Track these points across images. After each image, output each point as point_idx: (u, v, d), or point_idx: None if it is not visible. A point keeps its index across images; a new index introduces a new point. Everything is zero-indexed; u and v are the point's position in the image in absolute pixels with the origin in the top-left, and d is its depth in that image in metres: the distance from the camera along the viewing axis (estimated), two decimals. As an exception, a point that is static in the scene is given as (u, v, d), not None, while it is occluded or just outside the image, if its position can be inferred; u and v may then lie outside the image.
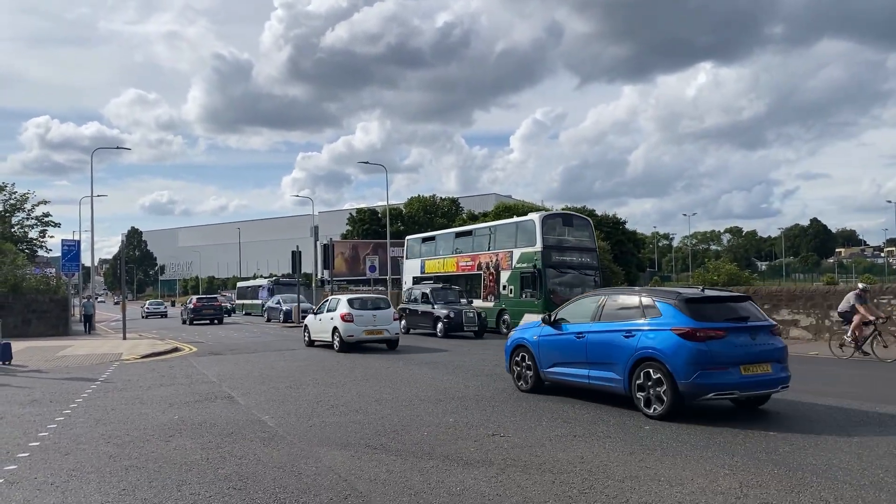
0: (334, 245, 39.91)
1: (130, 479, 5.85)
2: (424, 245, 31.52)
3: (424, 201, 74.44)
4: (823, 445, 6.73)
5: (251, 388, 11.51)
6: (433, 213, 72.82)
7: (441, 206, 74.83)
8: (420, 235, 33.59)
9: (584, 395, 10.08)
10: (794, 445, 6.73)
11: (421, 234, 34.32)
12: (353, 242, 62.90)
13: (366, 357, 16.56)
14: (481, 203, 74.68)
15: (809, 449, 6.58)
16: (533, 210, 49.98)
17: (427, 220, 70.99)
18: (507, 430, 7.58)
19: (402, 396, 10.16)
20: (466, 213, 64.74)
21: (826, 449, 6.57)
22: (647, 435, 7.30)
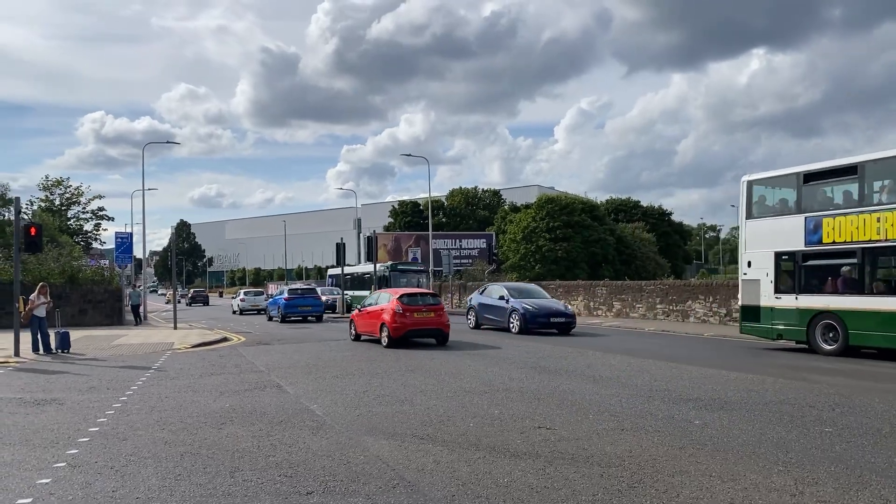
0: (377, 237, 40.08)
1: (185, 465, 6.01)
2: (813, 188, 15.27)
3: (466, 193, 74.34)
4: (884, 443, 6.52)
5: (299, 377, 11.70)
6: (475, 205, 72.71)
7: (483, 198, 74.65)
8: (792, 171, 15.72)
9: (631, 388, 9.98)
10: (852, 443, 6.53)
11: (795, 168, 15.66)
12: (395, 234, 63.26)
13: (410, 349, 16.66)
14: (523, 195, 74.12)
15: (868, 446, 6.39)
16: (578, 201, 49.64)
17: (469, 212, 70.95)
18: (553, 423, 7.55)
19: (447, 388, 10.20)
20: (508, 205, 64.39)
21: (886, 447, 6.36)
22: (696, 429, 7.18)
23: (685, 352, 15.39)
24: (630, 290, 29.82)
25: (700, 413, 8.06)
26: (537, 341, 18.26)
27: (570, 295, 32.91)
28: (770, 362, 13.31)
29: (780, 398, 9.07)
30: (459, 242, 58.38)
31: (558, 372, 11.89)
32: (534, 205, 48.03)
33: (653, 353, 15.23)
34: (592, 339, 19.08)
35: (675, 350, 15.93)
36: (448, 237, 59.11)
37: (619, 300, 30.11)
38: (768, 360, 13.78)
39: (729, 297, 24.20)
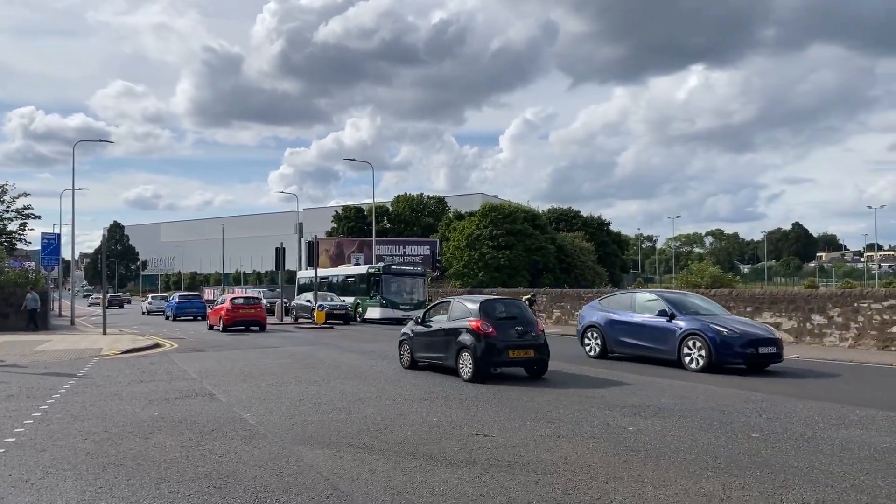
0: (319, 242, 39.51)
1: (108, 477, 5.74)
2: None
3: (411, 199, 74.24)
4: (805, 448, 6.76)
5: (232, 385, 11.39)
6: (420, 212, 72.69)
7: (428, 205, 74.71)
8: None
9: (568, 395, 10.08)
10: (777, 448, 6.75)
11: None
12: (338, 240, 62.63)
13: (348, 355, 16.48)
14: (468, 202, 74.60)
15: (791, 451, 6.61)
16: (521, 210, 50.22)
17: (414, 219, 70.86)
18: (491, 430, 7.55)
19: (386, 395, 10.10)
20: (453, 213, 64.66)
21: (808, 451, 6.60)
22: (630, 436, 7.29)
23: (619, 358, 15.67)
24: (569, 298, 30.29)
25: (634, 420, 8.20)
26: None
27: (512, 302, 33.29)
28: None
29: (710, 405, 9.32)
30: (403, 249, 58.23)
31: (497, 378, 11.91)
32: (478, 213, 48.41)
33: (586, 360, 15.44)
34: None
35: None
36: (392, 243, 58.88)
37: (558, 308, 30.55)
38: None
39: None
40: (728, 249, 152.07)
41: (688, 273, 49.74)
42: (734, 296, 22.67)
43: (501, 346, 11.74)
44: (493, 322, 11.99)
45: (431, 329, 13.14)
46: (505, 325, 12.09)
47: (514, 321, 12.35)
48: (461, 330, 12.13)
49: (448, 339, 12.43)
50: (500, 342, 11.75)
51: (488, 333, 11.72)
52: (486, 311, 12.20)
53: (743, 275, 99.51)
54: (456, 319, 12.59)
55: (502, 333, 11.87)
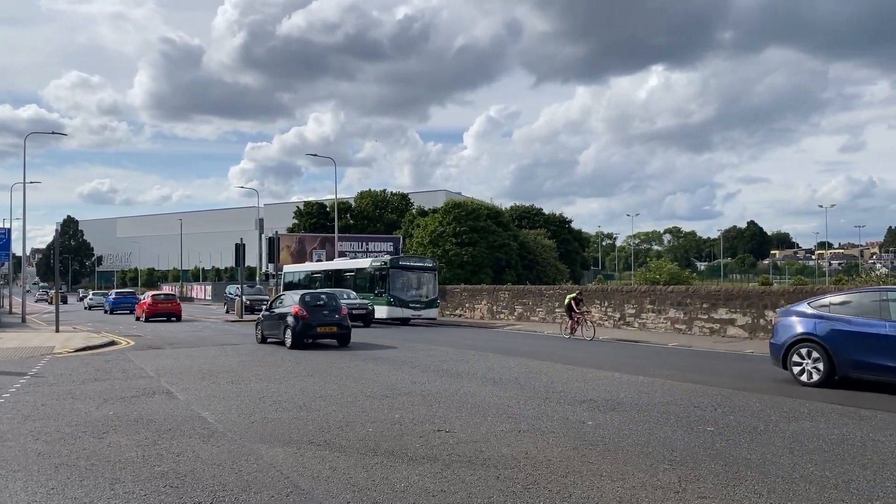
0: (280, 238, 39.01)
1: (60, 478, 5.60)
2: None
3: (374, 196, 73.87)
4: (759, 440, 6.94)
5: (191, 383, 11.20)
6: (383, 209, 72.40)
7: (391, 202, 74.45)
8: None
9: (529, 390, 10.18)
10: (731, 441, 6.93)
11: None
12: (299, 236, 61.92)
13: (310, 352, 16.35)
14: (431, 199, 74.62)
15: (745, 444, 6.78)
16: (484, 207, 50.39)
17: (377, 215, 70.54)
18: (452, 426, 7.58)
19: (348, 392, 10.05)
20: (416, 209, 64.57)
21: (761, 443, 6.78)
22: (590, 430, 7.40)
23: (581, 354, 15.89)
24: (531, 295, 30.54)
25: (593, 414, 8.32)
26: (435, 344, 18.34)
27: (475, 299, 33.39)
28: (661, 363, 13.95)
29: (667, 399, 9.51)
30: (366, 245, 57.82)
31: (459, 375, 11.98)
32: (441, 209, 48.43)
33: (551, 355, 15.63)
34: (493, 342, 19.37)
35: (571, 353, 16.43)
36: (355, 240, 58.45)
37: (520, 304, 30.77)
38: (658, 361, 14.44)
39: (623, 302, 25.23)
40: (685, 247, 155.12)
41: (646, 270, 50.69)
42: (691, 292, 23.14)
43: (313, 324, 17.17)
44: (307, 308, 17.34)
45: (273, 314, 18.54)
46: (316, 310, 17.47)
47: (323, 307, 17.81)
48: (287, 314, 17.48)
49: (280, 321, 17.77)
50: (312, 322, 17.18)
51: (303, 316, 17.13)
52: (304, 301, 17.60)
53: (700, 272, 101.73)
54: (286, 307, 17.88)
55: (313, 316, 17.26)
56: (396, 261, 29.95)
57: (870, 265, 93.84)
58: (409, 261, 31.06)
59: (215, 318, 34.81)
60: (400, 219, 64.86)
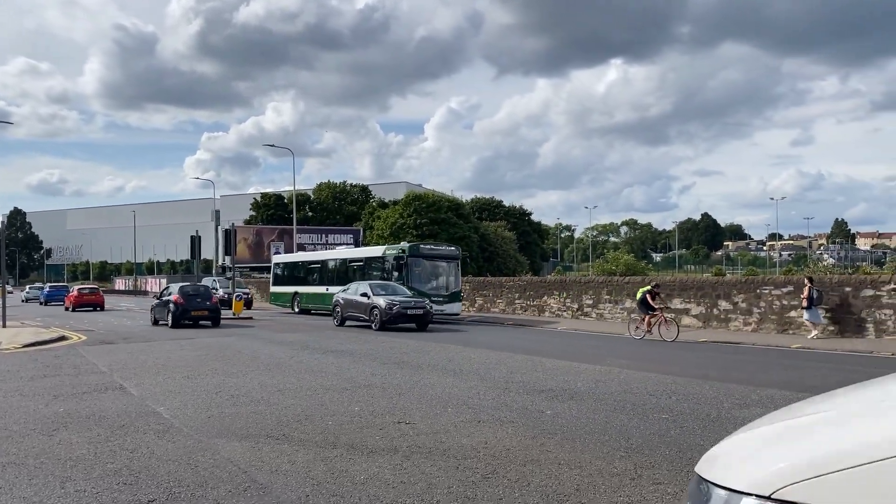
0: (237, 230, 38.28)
1: (8, 477, 5.43)
2: None
3: (334, 187, 73.21)
4: (712, 427, 7.12)
5: (145, 378, 10.97)
6: (343, 200, 71.81)
7: (351, 193, 73.91)
8: None
9: (489, 381, 10.24)
10: (685, 428, 7.09)
11: None
12: (257, 228, 61.14)
13: (269, 346, 16.17)
14: (392, 191, 74.30)
15: (699, 431, 6.95)
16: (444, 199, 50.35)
17: (336, 207, 69.95)
18: (412, 418, 7.58)
19: (307, 386, 9.97)
20: (377, 201, 64.25)
21: (713, 430, 6.96)
22: (548, 419, 7.49)
23: (540, 345, 16.07)
24: (491, 286, 30.73)
25: (552, 403, 8.43)
26: (395, 336, 18.33)
27: (435, 291, 33.40)
28: (612, 352, 14.19)
29: (624, 388, 9.68)
30: (325, 237, 57.40)
31: (420, 367, 11.99)
32: (402, 201, 48.33)
33: (511, 346, 15.76)
34: (454, 334, 19.44)
35: (531, 343, 16.60)
36: (314, 232, 57.96)
37: (481, 296, 30.93)
38: (611, 349, 14.69)
39: (580, 292, 25.58)
40: (642, 238, 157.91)
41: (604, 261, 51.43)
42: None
43: (188, 309, 22.58)
44: (183, 297, 22.71)
45: (161, 301, 23.92)
46: (191, 298, 22.89)
47: (197, 296, 23.24)
48: (169, 301, 22.92)
49: (165, 307, 23.11)
50: (186, 307, 22.54)
51: (179, 303, 22.48)
52: (182, 291, 23.08)
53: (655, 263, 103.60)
54: (169, 295, 23.19)
55: (188, 303, 22.64)
56: (416, 248, 26.28)
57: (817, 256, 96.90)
58: (430, 247, 27.27)
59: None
60: (360, 211, 64.48)
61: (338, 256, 30.47)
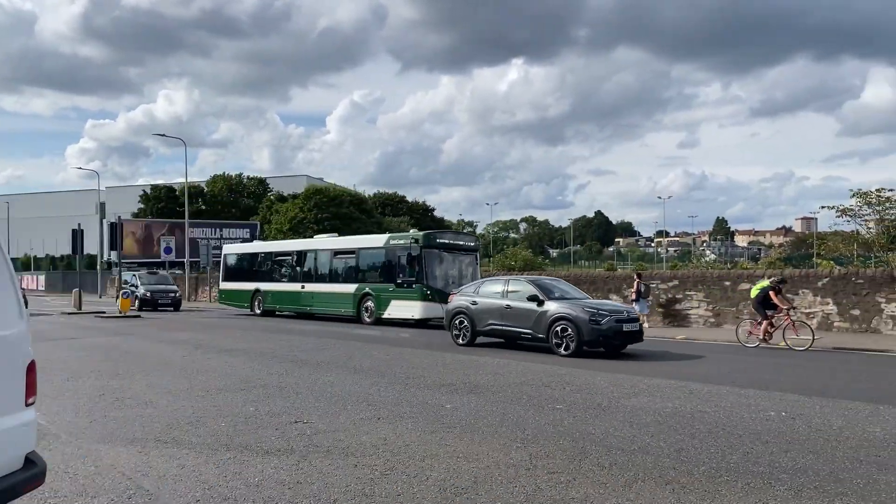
0: (123, 224, 36.17)
1: None
2: None
3: (229, 180, 70.74)
4: (603, 416, 7.42)
5: (19, 382, 10.15)
6: (239, 193, 69.53)
7: (248, 186, 71.67)
8: None
9: (389, 377, 10.22)
10: (577, 417, 7.35)
11: None
12: (145, 222, 58.23)
13: (159, 345, 15.42)
14: (291, 184, 72.56)
15: (590, 420, 7.22)
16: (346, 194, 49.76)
17: (232, 200, 67.67)
18: (310, 417, 7.44)
19: (199, 387, 9.58)
20: (275, 195, 62.63)
21: (605, 419, 7.25)
22: (447, 413, 7.55)
23: (440, 339, 16.19)
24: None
25: (451, 397, 8.51)
26: (290, 335, 17.95)
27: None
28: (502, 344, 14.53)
29: (521, 380, 9.92)
30: (220, 232, 55.45)
31: (319, 365, 11.80)
32: (302, 195, 47.37)
33: (411, 342, 15.78)
34: (354, 331, 19.26)
35: (431, 338, 16.70)
36: (208, 226, 55.84)
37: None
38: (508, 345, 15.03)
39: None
40: (540, 235, 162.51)
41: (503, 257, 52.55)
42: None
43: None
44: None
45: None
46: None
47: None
48: None
49: None
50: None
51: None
52: None
53: (552, 258, 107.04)
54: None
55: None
56: (432, 237, 21.74)
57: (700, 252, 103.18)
58: (449, 237, 23.08)
59: (50, 310, 31.83)
60: (257, 204, 62.71)
61: (319, 247, 25.32)
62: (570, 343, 12.88)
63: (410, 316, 20.82)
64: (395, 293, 21.35)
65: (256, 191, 70.81)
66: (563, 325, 13.03)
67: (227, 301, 29.56)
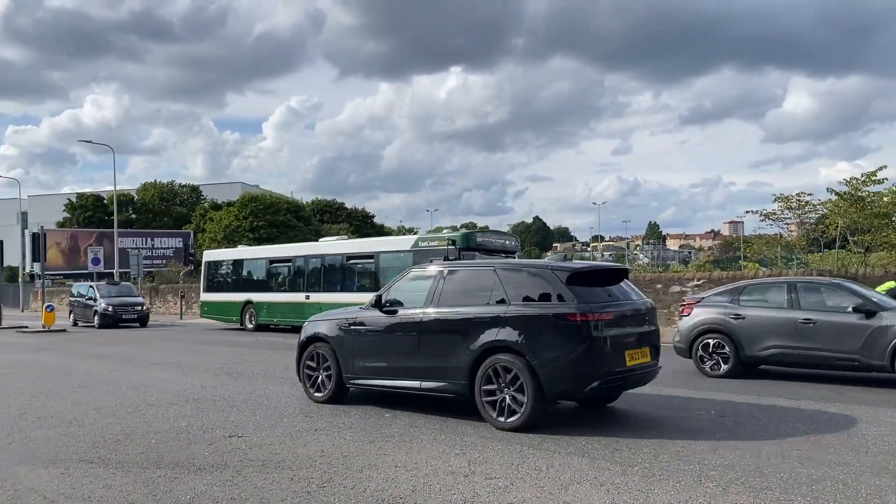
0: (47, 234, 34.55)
1: None
2: None
3: (161, 187, 68.51)
4: (543, 419, 7.49)
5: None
6: (171, 201, 67.42)
7: (180, 194, 69.59)
8: None
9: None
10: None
11: None
12: (71, 231, 55.80)
13: (85, 361, 14.79)
14: (226, 192, 70.83)
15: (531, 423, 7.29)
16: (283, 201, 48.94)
17: (164, 209, 65.58)
18: (246, 430, 7.27)
19: (128, 403, 9.22)
20: (209, 203, 61.07)
21: (545, 423, 7.33)
22: (387, 422, 7.50)
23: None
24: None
25: (391, 406, 8.44)
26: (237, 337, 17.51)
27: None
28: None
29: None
30: (151, 241, 53.73)
31: (255, 377, 11.54)
32: (237, 203, 46.35)
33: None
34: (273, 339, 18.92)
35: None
36: (138, 235, 54.03)
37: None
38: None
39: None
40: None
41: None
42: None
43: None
44: None
45: None
46: None
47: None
48: None
49: None
50: None
51: None
52: None
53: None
54: None
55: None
56: (472, 238, 18.61)
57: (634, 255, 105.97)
58: (490, 237, 19.68)
59: None
60: (190, 212, 60.98)
61: (327, 251, 21.90)
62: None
63: None
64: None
65: (189, 199, 68.83)
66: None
67: (210, 315, 26.22)
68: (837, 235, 21.18)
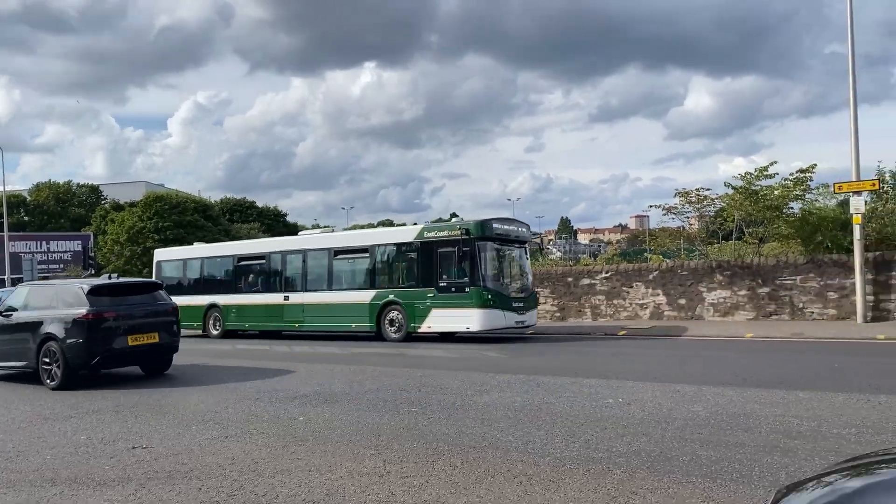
0: (-72, 239, 31.96)
1: None
2: None
3: (56, 188, 64.62)
4: (455, 415, 7.55)
5: None
6: (68, 202, 63.71)
7: (78, 195, 65.86)
8: None
9: (239, 392, 9.79)
10: (432, 419, 7.43)
11: None
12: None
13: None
14: (129, 191, 67.54)
15: (444, 420, 7.33)
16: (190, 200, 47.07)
17: (60, 210, 61.91)
18: (150, 441, 6.95)
19: (21, 417, 8.64)
20: (110, 203, 58.09)
21: (457, 418, 7.39)
22: (300, 426, 7.35)
23: (302, 349, 15.80)
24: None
25: (305, 409, 8.30)
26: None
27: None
28: (367, 352, 14.47)
29: (377, 386, 9.88)
30: (47, 245, 50.51)
31: (161, 383, 11.07)
32: (140, 203, 44.27)
33: (268, 355, 15.24)
34: (199, 346, 18.29)
35: (291, 347, 16.24)
36: (32, 239, 50.69)
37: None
38: (366, 349, 14.96)
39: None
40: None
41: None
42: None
43: None
44: None
45: None
46: None
47: None
48: None
49: None
50: None
51: None
52: None
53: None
54: None
55: None
56: (489, 227, 16.65)
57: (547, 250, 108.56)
58: (507, 226, 17.59)
59: None
60: (90, 213, 57.85)
61: (309, 246, 19.66)
62: None
63: (464, 328, 16.12)
64: (438, 300, 16.38)
65: (89, 199, 65.31)
66: None
67: None
68: (734, 227, 22.41)
